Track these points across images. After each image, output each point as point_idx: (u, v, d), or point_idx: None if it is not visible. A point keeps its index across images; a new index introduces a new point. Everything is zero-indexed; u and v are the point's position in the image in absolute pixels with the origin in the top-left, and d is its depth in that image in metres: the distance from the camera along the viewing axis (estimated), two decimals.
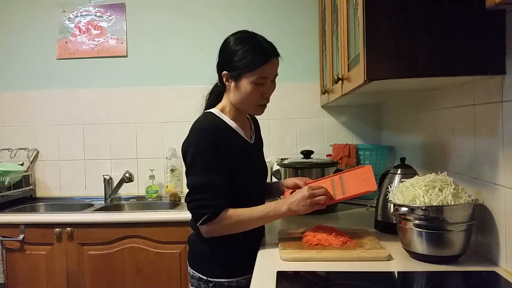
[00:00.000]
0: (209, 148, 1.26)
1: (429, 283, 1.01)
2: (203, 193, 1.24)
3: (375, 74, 1.07)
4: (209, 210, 1.24)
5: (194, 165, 1.27)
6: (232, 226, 1.26)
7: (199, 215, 1.25)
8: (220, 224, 1.25)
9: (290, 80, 2.56)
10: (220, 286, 1.31)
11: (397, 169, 1.46)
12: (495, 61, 1.03)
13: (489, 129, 1.10)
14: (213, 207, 1.24)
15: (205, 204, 1.24)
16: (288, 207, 1.27)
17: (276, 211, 1.28)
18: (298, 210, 1.27)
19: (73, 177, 2.74)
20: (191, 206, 1.27)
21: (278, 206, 1.28)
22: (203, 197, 1.24)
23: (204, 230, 1.27)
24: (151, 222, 2.09)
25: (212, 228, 1.25)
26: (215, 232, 1.27)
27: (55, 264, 2.12)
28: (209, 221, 1.24)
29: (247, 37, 1.30)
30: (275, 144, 2.64)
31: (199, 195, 1.25)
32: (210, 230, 1.26)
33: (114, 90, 2.72)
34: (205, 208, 1.24)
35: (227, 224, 1.25)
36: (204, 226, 1.26)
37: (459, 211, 1.07)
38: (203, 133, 1.28)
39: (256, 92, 1.29)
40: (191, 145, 1.28)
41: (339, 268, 1.10)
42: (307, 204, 1.27)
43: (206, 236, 1.29)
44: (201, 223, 1.25)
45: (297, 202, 1.27)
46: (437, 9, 1.04)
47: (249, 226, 1.29)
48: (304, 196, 1.27)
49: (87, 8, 2.72)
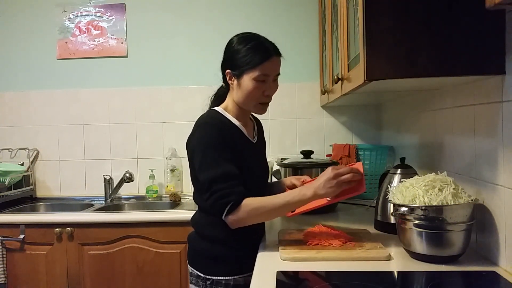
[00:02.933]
0: (217, 141, 1.26)
1: (429, 283, 1.01)
2: (221, 184, 1.22)
3: (375, 74, 1.08)
4: (231, 198, 1.21)
5: (206, 160, 1.25)
6: (258, 213, 1.22)
7: (222, 205, 1.22)
8: (245, 211, 1.21)
9: (290, 80, 2.56)
10: (218, 284, 1.31)
11: (397, 169, 1.46)
12: (495, 61, 1.03)
13: (489, 129, 1.10)
14: (234, 194, 1.21)
15: (225, 193, 1.21)
16: (314, 191, 1.21)
17: (301, 195, 1.22)
18: (326, 192, 1.20)
19: (73, 177, 2.74)
20: (212, 199, 1.23)
21: (303, 191, 1.23)
22: (222, 187, 1.22)
23: (230, 221, 1.23)
24: (151, 222, 2.09)
25: (237, 216, 1.22)
26: (241, 221, 1.23)
27: (55, 264, 2.12)
28: (233, 210, 1.21)
29: (249, 37, 1.33)
30: (275, 144, 2.64)
31: (218, 187, 1.22)
32: (236, 219, 1.22)
33: (114, 90, 2.72)
34: (226, 197, 1.21)
35: (251, 210, 1.21)
36: (230, 216, 1.22)
37: (459, 211, 1.07)
38: (208, 128, 1.29)
39: (257, 90, 1.30)
40: (199, 141, 1.28)
41: (339, 268, 1.10)
42: (333, 185, 1.19)
43: (233, 227, 1.25)
44: (226, 214, 1.22)
45: (323, 184, 1.20)
46: (437, 9, 1.04)
47: (274, 213, 1.27)
48: (329, 177, 1.20)
49: (87, 8, 2.72)
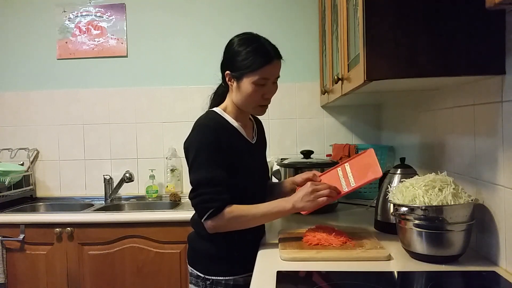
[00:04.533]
0: (211, 144, 1.26)
1: (429, 283, 1.01)
2: (207, 188, 1.24)
3: (375, 74, 1.07)
4: (214, 204, 1.23)
5: (197, 161, 1.27)
6: (236, 222, 1.26)
7: (204, 209, 1.25)
8: (225, 219, 1.24)
9: (290, 80, 2.56)
10: (218, 284, 1.31)
11: (397, 169, 1.46)
12: (495, 61, 1.03)
13: (489, 129, 1.10)
14: (217, 201, 1.24)
15: (210, 198, 1.24)
16: (293, 204, 1.27)
17: (280, 207, 1.27)
18: (303, 206, 1.27)
19: (73, 177, 2.74)
20: (196, 201, 1.27)
21: (282, 203, 1.28)
22: (208, 192, 1.24)
23: (209, 226, 1.26)
24: (151, 222, 2.09)
25: (216, 223, 1.25)
26: (219, 227, 1.26)
27: (55, 264, 2.12)
28: (213, 216, 1.24)
29: (250, 39, 1.32)
30: (275, 144, 2.64)
31: (204, 190, 1.24)
32: (215, 225, 1.25)
33: (114, 90, 2.72)
34: (210, 202, 1.24)
35: (231, 218, 1.24)
36: (209, 221, 1.25)
37: (459, 211, 1.07)
38: (205, 130, 1.29)
39: (257, 93, 1.30)
40: (194, 141, 1.29)
41: (339, 268, 1.10)
42: (310, 199, 1.26)
43: (210, 231, 1.28)
44: (206, 218, 1.25)
45: (301, 198, 1.26)
46: (437, 9, 1.04)
47: (253, 223, 1.29)
48: (307, 192, 1.26)
49: (87, 8, 2.72)
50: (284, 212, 1.28)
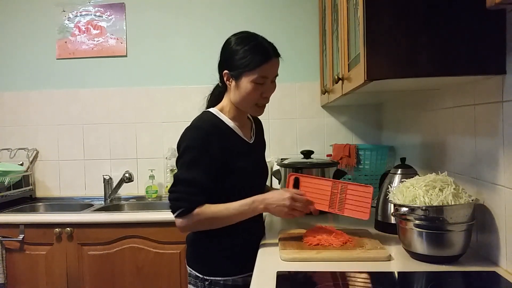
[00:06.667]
0: (199, 145, 1.28)
1: (429, 283, 1.01)
2: (183, 187, 1.27)
3: (375, 74, 1.07)
4: (184, 204, 1.26)
5: (182, 159, 1.30)
6: (206, 222, 1.28)
7: (175, 207, 1.28)
8: (193, 220, 1.26)
9: (290, 80, 2.56)
10: (216, 284, 1.31)
11: (397, 169, 1.46)
12: (495, 61, 1.03)
13: (489, 129, 1.10)
14: (189, 202, 1.26)
15: (182, 197, 1.26)
16: (265, 206, 1.28)
17: (253, 208, 1.28)
18: (273, 213, 1.30)
19: (73, 177, 2.74)
20: (170, 197, 1.30)
21: (255, 204, 1.28)
22: (183, 191, 1.27)
23: (178, 224, 1.29)
24: (151, 222, 2.09)
25: (185, 222, 1.27)
26: (188, 227, 1.30)
27: (55, 264, 2.11)
28: (183, 215, 1.26)
29: (248, 37, 1.32)
30: (275, 144, 2.64)
31: (179, 188, 1.28)
32: (184, 225, 1.28)
33: (114, 90, 2.72)
34: (181, 201, 1.26)
35: (200, 220, 1.26)
36: (179, 220, 1.28)
37: (459, 211, 1.07)
38: (196, 131, 1.31)
39: (255, 92, 1.30)
40: (182, 141, 1.32)
41: (339, 268, 1.10)
42: (285, 210, 1.27)
43: (181, 230, 1.31)
44: (176, 216, 1.28)
45: (275, 205, 1.27)
46: (437, 9, 1.04)
47: (225, 223, 1.30)
48: (285, 204, 1.27)
49: (87, 8, 2.72)
50: (255, 213, 1.30)
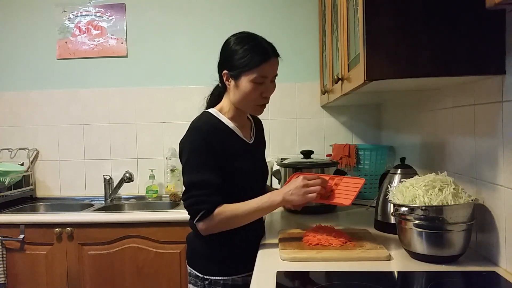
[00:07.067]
0: (203, 147, 1.27)
1: (429, 283, 1.01)
2: (198, 190, 1.26)
3: (375, 74, 1.07)
4: (204, 206, 1.25)
5: (189, 163, 1.29)
6: (228, 221, 1.27)
7: (195, 211, 1.26)
8: (216, 220, 1.25)
9: (290, 80, 2.56)
10: (216, 284, 1.32)
11: (397, 169, 1.46)
12: (495, 61, 1.03)
13: (489, 129, 1.10)
14: (208, 203, 1.25)
15: (200, 200, 1.25)
16: (283, 196, 1.27)
17: (271, 201, 1.28)
18: (292, 200, 1.27)
19: (73, 177, 2.74)
20: (187, 203, 1.28)
21: (272, 197, 1.28)
22: (199, 194, 1.26)
23: (201, 227, 1.28)
24: (151, 222, 2.09)
25: (208, 224, 1.26)
26: (211, 229, 1.28)
27: (55, 264, 2.12)
28: (204, 218, 1.25)
29: (247, 37, 1.32)
30: (275, 144, 2.64)
31: (195, 192, 1.26)
32: (207, 227, 1.27)
33: (114, 90, 2.72)
34: (200, 204, 1.25)
35: (223, 219, 1.25)
36: (201, 223, 1.27)
37: (459, 211, 1.07)
38: (197, 132, 1.30)
39: (255, 91, 1.30)
40: (186, 143, 1.31)
41: (339, 268, 1.10)
42: (300, 194, 1.26)
43: (203, 233, 1.29)
44: (198, 220, 1.26)
45: (291, 192, 1.27)
46: (437, 9, 1.04)
47: (246, 220, 1.29)
48: (299, 185, 1.27)
49: (87, 8, 2.72)
50: (275, 205, 1.29)
